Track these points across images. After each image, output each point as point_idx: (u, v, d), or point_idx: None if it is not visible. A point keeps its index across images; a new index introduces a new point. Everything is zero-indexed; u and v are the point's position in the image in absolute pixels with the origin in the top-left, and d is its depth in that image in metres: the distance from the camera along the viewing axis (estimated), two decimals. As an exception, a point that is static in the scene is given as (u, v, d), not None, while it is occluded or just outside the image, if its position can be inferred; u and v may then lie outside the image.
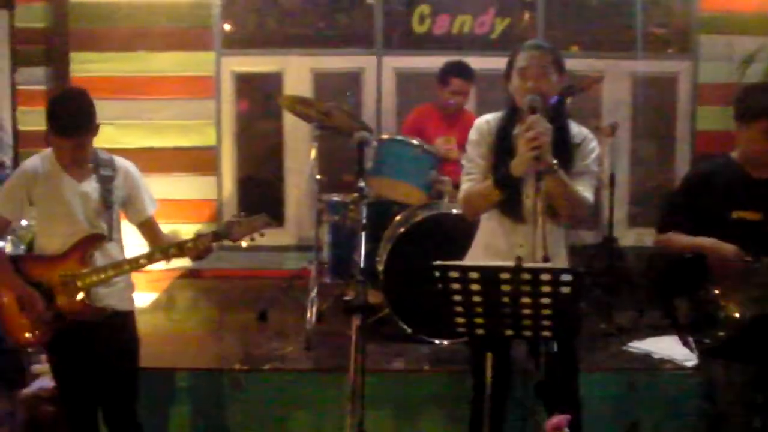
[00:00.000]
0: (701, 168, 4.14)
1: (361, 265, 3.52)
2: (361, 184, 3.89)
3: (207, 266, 6.59)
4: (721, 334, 3.81)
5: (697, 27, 7.49)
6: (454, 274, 2.94)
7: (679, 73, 7.60)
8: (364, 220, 3.73)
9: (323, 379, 4.92)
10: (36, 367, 5.69)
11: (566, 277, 2.87)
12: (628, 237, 7.26)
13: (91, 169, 3.97)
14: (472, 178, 3.82)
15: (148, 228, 4.16)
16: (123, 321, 4.08)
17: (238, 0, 7.39)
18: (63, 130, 3.79)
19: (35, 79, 7.19)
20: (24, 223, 4.73)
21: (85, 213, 3.95)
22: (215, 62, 7.34)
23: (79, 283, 3.88)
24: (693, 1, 7.47)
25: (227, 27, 7.39)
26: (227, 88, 7.42)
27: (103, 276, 3.90)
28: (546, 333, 2.99)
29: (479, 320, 3.01)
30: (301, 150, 7.38)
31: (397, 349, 5.18)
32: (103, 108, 5.66)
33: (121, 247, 4.11)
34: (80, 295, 3.89)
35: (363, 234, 3.67)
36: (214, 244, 3.98)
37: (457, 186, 5.37)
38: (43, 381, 5.40)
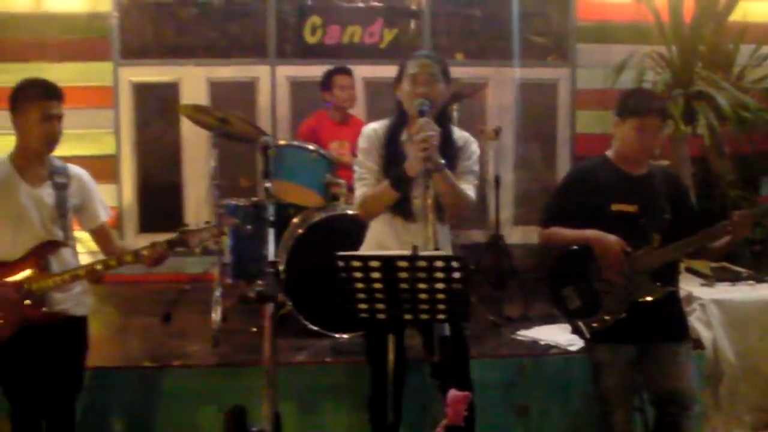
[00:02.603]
0: (580, 166, 4.48)
1: (270, 258, 3.71)
2: (268, 184, 4.07)
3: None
4: (607, 318, 4.14)
5: (575, 36, 7.87)
6: (356, 264, 3.17)
7: (559, 79, 7.96)
8: (272, 218, 3.93)
9: (230, 374, 5.02)
10: None
11: (456, 264, 3.17)
12: (514, 235, 7.57)
13: (46, 176, 4.01)
14: (366, 183, 4.05)
15: (100, 234, 4.25)
16: (76, 325, 4.13)
17: (134, 11, 7.43)
18: (47, 93, 3.90)
19: None
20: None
21: (41, 219, 3.99)
22: (113, 72, 7.42)
23: (35, 288, 3.91)
24: (570, 12, 7.83)
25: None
26: (125, 97, 7.50)
27: (59, 281, 3.93)
28: (440, 315, 3.24)
29: (380, 306, 3.23)
30: (198, 157, 7.54)
31: (300, 344, 5.32)
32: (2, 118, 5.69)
33: (75, 253, 4.15)
34: (34, 300, 3.92)
35: (271, 230, 3.87)
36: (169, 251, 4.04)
37: (351, 188, 5.65)
38: None
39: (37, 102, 3.89)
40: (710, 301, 5.36)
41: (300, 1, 7.76)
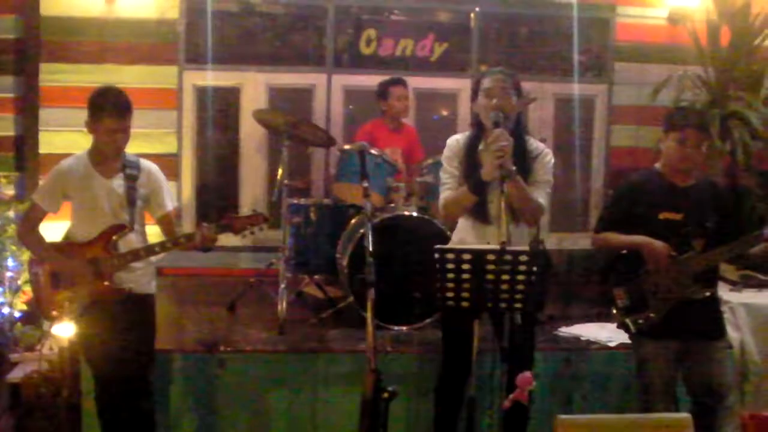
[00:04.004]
0: (632, 178, 4.81)
1: (370, 247, 4.10)
2: (365, 184, 4.50)
3: (166, 264, 6.79)
4: (653, 315, 4.52)
5: (613, 55, 8.19)
6: (450, 256, 3.60)
7: (596, 95, 8.29)
8: (370, 214, 4.35)
9: (297, 360, 5.33)
10: (14, 356, 6.08)
11: (536, 259, 3.59)
12: (550, 240, 7.75)
13: (119, 168, 4.43)
14: (449, 187, 4.44)
15: (165, 223, 4.62)
16: (141, 302, 4.52)
17: (201, 19, 7.66)
18: (115, 110, 4.29)
19: (5, 87, 7.42)
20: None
21: (111, 206, 4.41)
22: (178, 76, 7.69)
23: (102, 266, 4.35)
24: (609, 32, 8.15)
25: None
26: (189, 100, 7.77)
27: (123, 261, 4.36)
28: (518, 305, 3.65)
29: (466, 294, 3.64)
30: (255, 159, 7.91)
31: (361, 335, 5.37)
32: (72, 116, 6.10)
33: (144, 239, 4.55)
34: (104, 278, 4.36)
35: (369, 224, 4.30)
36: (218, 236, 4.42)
37: (410, 193, 6.08)
38: (24, 368, 5.83)
39: (107, 116, 4.30)
40: (739, 304, 5.74)
41: (357, 15, 8.07)
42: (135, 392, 4.50)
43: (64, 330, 5.89)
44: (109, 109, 4.29)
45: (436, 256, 3.61)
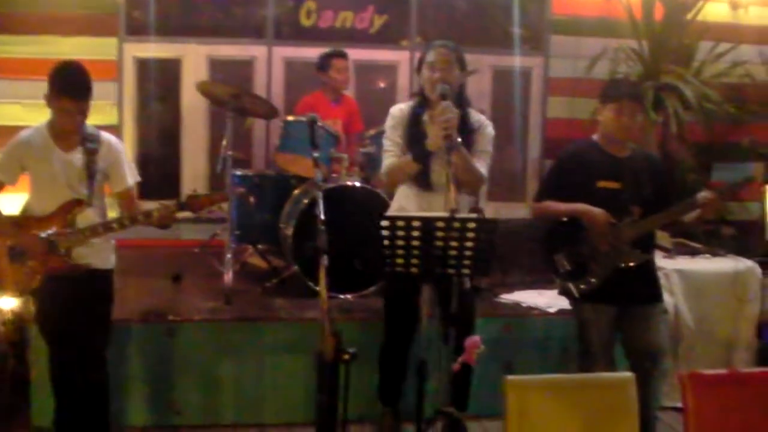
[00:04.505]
0: (570, 148, 4.93)
1: (322, 216, 4.20)
2: (316, 155, 4.66)
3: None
4: (593, 280, 4.67)
5: (549, 28, 8.35)
6: (400, 223, 3.70)
7: (532, 68, 8.44)
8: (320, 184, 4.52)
9: (244, 329, 5.42)
10: None
11: (486, 226, 3.71)
12: (488, 209, 7.93)
13: (78, 141, 4.37)
14: (392, 155, 4.57)
15: (125, 198, 4.57)
16: (101, 278, 4.51)
17: None
18: (75, 92, 4.23)
19: None
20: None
21: (68, 180, 4.34)
22: (118, 47, 7.69)
23: (59, 241, 4.29)
24: (546, 5, 8.29)
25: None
26: (129, 71, 7.78)
27: (81, 237, 4.31)
28: (466, 271, 3.79)
29: (416, 261, 3.74)
30: (196, 131, 7.95)
31: (308, 304, 5.66)
32: (12, 88, 6.03)
33: (104, 214, 4.51)
34: (61, 253, 4.30)
35: (321, 193, 4.44)
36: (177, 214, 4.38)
37: (351, 163, 6.17)
38: None
39: (66, 98, 4.25)
40: (673, 270, 5.93)
41: (297, -14, 8.07)
42: (91, 364, 4.51)
43: (6, 303, 5.91)
44: (69, 91, 4.24)
45: (385, 223, 3.71)
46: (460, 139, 4.22)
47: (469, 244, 3.70)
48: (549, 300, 5.69)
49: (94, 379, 4.54)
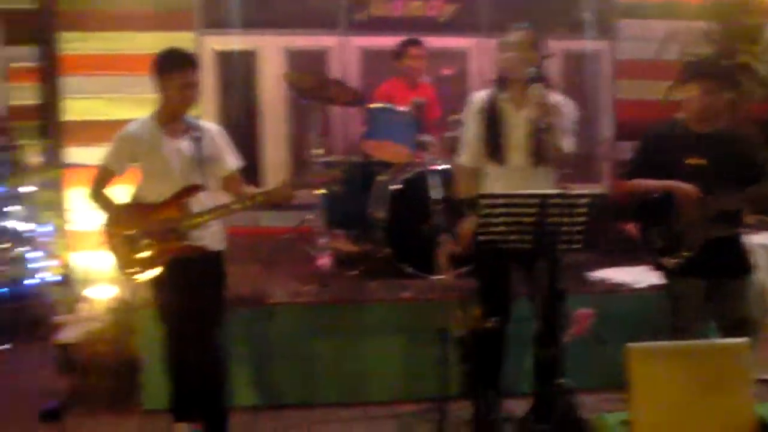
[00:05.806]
0: (657, 128, 5.04)
1: (437, 197, 4.31)
2: (428, 138, 4.89)
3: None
4: (687, 253, 4.77)
5: (616, 12, 8.44)
6: (503, 201, 3.86)
7: (601, 51, 8.53)
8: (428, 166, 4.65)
9: (344, 310, 5.58)
10: (57, 318, 6.29)
11: (593, 200, 3.85)
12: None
13: (183, 131, 4.56)
14: (468, 152, 4.75)
15: (232, 181, 4.74)
16: (215, 258, 4.68)
17: None
18: (188, 63, 4.46)
19: (26, 57, 7.56)
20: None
21: (181, 168, 4.52)
22: (195, 41, 7.79)
23: (177, 226, 4.47)
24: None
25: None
26: (207, 64, 7.88)
27: (199, 220, 4.47)
28: (576, 246, 3.95)
29: (527, 237, 3.91)
30: (275, 119, 8.14)
31: (402, 285, 5.80)
32: (90, 83, 6.15)
33: (214, 198, 4.64)
34: (181, 237, 4.48)
35: (432, 175, 4.59)
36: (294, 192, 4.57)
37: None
38: (71, 330, 5.95)
39: (177, 72, 4.45)
40: (757, 245, 5.95)
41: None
42: (210, 344, 4.66)
43: (110, 291, 6.11)
44: (178, 65, 4.44)
45: (485, 202, 3.87)
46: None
47: (580, 219, 3.83)
48: (637, 276, 5.79)
49: (213, 359, 4.69)
